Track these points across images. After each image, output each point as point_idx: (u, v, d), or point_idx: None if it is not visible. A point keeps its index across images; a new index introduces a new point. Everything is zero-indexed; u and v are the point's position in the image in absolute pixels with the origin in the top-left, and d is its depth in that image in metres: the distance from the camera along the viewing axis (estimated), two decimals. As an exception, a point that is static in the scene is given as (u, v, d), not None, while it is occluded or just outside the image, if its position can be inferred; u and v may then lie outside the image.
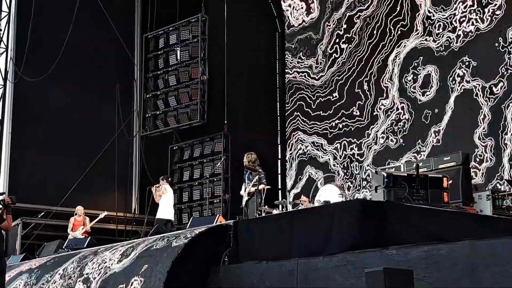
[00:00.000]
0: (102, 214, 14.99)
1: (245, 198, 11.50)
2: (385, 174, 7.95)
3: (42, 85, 16.60)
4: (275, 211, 11.47)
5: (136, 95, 18.51)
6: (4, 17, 17.29)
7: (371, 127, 16.39)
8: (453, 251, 5.84)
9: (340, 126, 17.24)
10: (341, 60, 17.51)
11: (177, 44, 18.08)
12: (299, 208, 11.77)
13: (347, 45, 17.41)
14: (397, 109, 15.80)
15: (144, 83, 18.70)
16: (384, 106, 16.13)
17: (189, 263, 8.33)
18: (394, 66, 15.94)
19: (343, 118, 17.21)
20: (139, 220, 17.22)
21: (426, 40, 15.30)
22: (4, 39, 17.18)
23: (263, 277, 7.61)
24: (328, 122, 17.55)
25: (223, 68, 17.47)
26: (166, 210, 13.49)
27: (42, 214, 16.18)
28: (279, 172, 18.66)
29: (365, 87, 16.78)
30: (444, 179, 8.26)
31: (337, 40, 17.71)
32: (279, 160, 18.84)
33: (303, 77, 18.47)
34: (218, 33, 17.56)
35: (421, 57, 15.38)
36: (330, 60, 17.80)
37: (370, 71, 16.65)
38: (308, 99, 18.26)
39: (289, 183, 18.24)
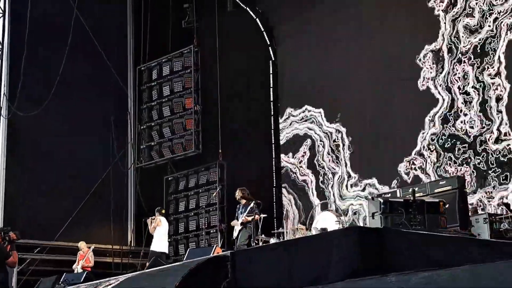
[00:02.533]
0: (90, 249, 14.94)
1: (238, 228, 11.59)
2: (381, 201, 7.92)
3: (36, 119, 16.61)
4: (272, 240, 11.42)
5: (131, 126, 18.54)
6: (-3, 52, 17.36)
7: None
8: (454, 276, 5.79)
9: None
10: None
11: (170, 75, 18.17)
12: (296, 237, 11.71)
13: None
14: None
15: (138, 115, 18.75)
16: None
17: (187, 295, 8.24)
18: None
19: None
20: (136, 253, 17.13)
21: None
22: (-3, 73, 17.22)
23: (263, 307, 7.53)
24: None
25: (217, 97, 17.55)
26: (160, 242, 13.43)
27: (38, 249, 16.05)
28: (274, 200, 18.60)
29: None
30: (441, 203, 8.23)
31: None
32: (274, 188, 18.80)
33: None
34: (211, 63, 17.68)
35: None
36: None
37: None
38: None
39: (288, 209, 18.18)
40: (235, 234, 11.77)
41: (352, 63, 16.74)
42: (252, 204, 11.66)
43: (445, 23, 14.76)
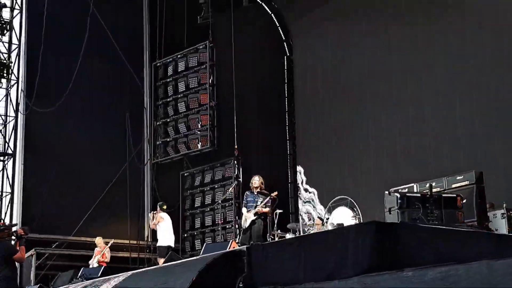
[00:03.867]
0: (110, 242, 14.98)
1: (252, 218, 11.26)
2: (398, 196, 7.91)
3: (53, 116, 16.75)
4: (288, 235, 11.42)
5: (146, 123, 18.61)
6: (14, 49, 17.50)
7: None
8: (471, 271, 5.76)
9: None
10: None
11: (185, 71, 18.22)
12: (312, 232, 11.72)
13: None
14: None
15: (154, 111, 18.82)
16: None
17: (204, 290, 8.28)
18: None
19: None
20: (153, 248, 17.21)
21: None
22: (15, 71, 17.36)
23: (279, 302, 7.55)
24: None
25: (232, 93, 17.55)
26: (165, 237, 13.45)
27: (55, 244, 16.19)
28: (291, 196, 18.59)
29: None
30: (458, 198, 8.21)
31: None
32: (290, 184, 18.80)
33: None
34: (226, 58, 17.68)
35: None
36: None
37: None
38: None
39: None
40: (246, 224, 11.44)
41: (369, 58, 16.67)
42: (268, 198, 11.43)
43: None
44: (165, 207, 13.64)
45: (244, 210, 11.58)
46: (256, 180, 11.57)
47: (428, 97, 15.10)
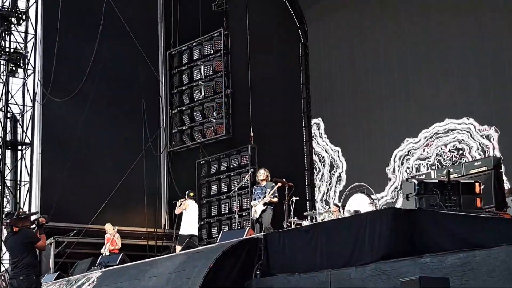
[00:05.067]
0: (115, 230, 15.00)
1: (261, 208, 11.44)
2: (416, 182, 7.86)
3: (70, 105, 16.83)
4: (304, 223, 11.41)
5: (162, 111, 18.64)
6: (31, 39, 17.57)
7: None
8: (489, 257, 5.76)
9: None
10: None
11: (200, 59, 18.20)
12: (329, 219, 11.70)
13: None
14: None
15: (169, 99, 18.84)
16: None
17: (221, 277, 8.33)
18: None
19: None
20: (169, 235, 17.31)
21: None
22: (31, 60, 17.45)
23: (297, 289, 7.58)
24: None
25: (247, 80, 17.52)
26: (189, 226, 13.45)
27: (74, 232, 16.31)
28: (307, 183, 18.58)
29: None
30: (476, 184, 8.14)
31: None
32: (306, 171, 18.78)
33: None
34: (241, 46, 17.64)
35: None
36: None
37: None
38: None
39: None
40: (256, 215, 11.63)
41: (383, 42, 16.57)
42: (272, 184, 11.56)
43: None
44: (192, 194, 13.65)
45: (253, 202, 11.87)
46: (262, 173, 11.82)
47: (442, 84, 15.01)
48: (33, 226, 8.39)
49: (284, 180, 11.56)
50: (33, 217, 8.49)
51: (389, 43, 16.42)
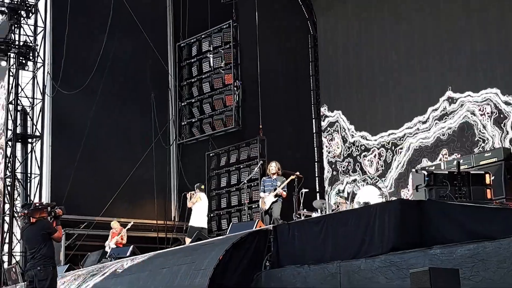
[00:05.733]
0: (129, 224, 15.04)
1: (272, 200, 11.51)
2: (425, 173, 7.83)
3: (79, 97, 16.88)
4: (314, 214, 11.42)
5: (171, 103, 18.66)
6: (40, 32, 17.61)
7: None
8: (499, 248, 5.74)
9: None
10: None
11: (209, 51, 18.19)
12: (338, 211, 11.69)
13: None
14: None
15: (179, 92, 18.85)
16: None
17: (231, 268, 8.35)
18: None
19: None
20: (179, 228, 17.36)
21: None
22: (41, 53, 17.50)
23: (306, 280, 7.59)
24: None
25: (256, 72, 17.51)
26: (199, 218, 13.49)
27: (84, 224, 16.39)
28: (317, 175, 18.57)
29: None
30: (487, 175, 8.11)
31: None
32: (316, 163, 18.76)
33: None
34: (250, 38, 17.61)
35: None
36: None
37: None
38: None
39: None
40: (265, 207, 11.69)
41: (392, 34, 16.49)
42: (282, 178, 11.63)
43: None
44: (202, 187, 13.67)
45: (262, 194, 11.87)
46: (273, 166, 11.95)
47: (453, 77, 14.93)
48: (49, 217, 8.44)
49: (297, 173, 11.62)
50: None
51: (398, 34, 16.33)
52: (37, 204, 8.70)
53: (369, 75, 17.13)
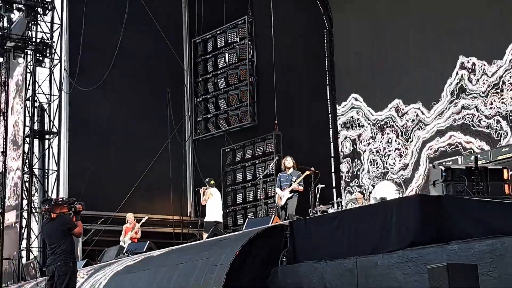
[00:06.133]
0: (144, 219, 15.06)
1: (288, 196, 11.47)
2: (443, 168, 7.77)
3: (96, 94, 16.99)
4: (330, 210, 11.41)
5: (187, 99, 18.71)
6: (57, 29, 17.72)
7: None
8: (518, 244, 5.69)
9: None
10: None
11: (225, 47, 18.20)
12: (355, 206, 11.67)
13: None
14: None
15: (194, 87, 18.89)
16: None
17: (247, 264, 8.36)
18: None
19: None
20: (195, 223, 17.42)
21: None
22: (58, 50, 17.61)
23: (323, 276, 7.57)
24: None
25: (271, 68, 17.49)
26: (213, 213, 13.52)
27: (101, 220, 16.49)
28: (332, 170, 18.52)
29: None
30: (504, 170, 8.04)
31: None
32: (332, 158, 18.71)
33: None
34: (265, 33, 17.59)
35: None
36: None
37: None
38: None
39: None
40: (281, 203, 11.66)
41: (409, 28, 16.38)
42: (298, 172, 11.57)
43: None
44: (212, 182, 13.66)
45: (278, 190, 11.84)
46: (289, 161, 11.84)
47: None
48: (69, 212, 8.49)
49: (312, 169, 11.58)
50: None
51: (415, 27, 16.21)
52: (58, 200, 8.76)
53: (385, 70, 17.03)
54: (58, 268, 8.09)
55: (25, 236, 16.80)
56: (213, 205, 13.50)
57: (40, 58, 17.34)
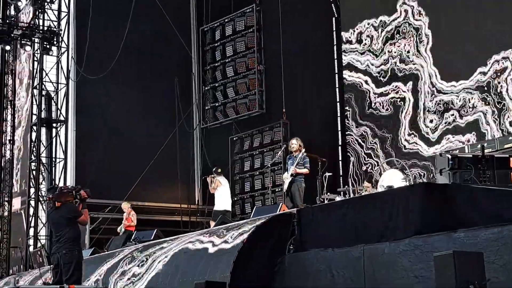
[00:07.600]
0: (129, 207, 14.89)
1: (288, 179, 11.26)
2: (449, 156, 7.76)
3: (103, 82, 17.00)
4: (337, 198, 11.39)
5: (195, 88, 18.71)
6: (64, 17, 17.73)
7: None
8: (525, 232, 5.68)
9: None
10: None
11: (233, 35, 18.16)
12: (362, 194, 11.65)
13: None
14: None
15: (202, 76, 18.88)
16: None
17: (255, 252, 8.38)
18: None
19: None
20: (203, 211, 17.46)
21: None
22: (65, 38, 17.62)
23: (330, 264, 7.58)
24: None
25: (279, 56, 17.44)
26: (222, 202, 13.52)
27: (108, 208, 16.55)
28: (340, 159, 18.48)
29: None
30: (511, 159, 8.02)
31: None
32: (339, 147, 18.67)
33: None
34: (273, 21, 17.54)
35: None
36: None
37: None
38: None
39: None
40: (285, 187, 11.52)
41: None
42: (301, 154, 11.30)
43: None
44: (219, 170, 13.65)
45: (284, 175, 11.64)
46: (294, 143, 11.47)
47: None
48: (75, 200, 8.46)
49: (316, 155, 11.47)
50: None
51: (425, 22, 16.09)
52: (62, 188, 8.75)
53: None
54: (63, 256, 8.09)
55: (32, 224, 16.90)
56: (222, 194, 13.50)
57: (47, 46, 17.36)
